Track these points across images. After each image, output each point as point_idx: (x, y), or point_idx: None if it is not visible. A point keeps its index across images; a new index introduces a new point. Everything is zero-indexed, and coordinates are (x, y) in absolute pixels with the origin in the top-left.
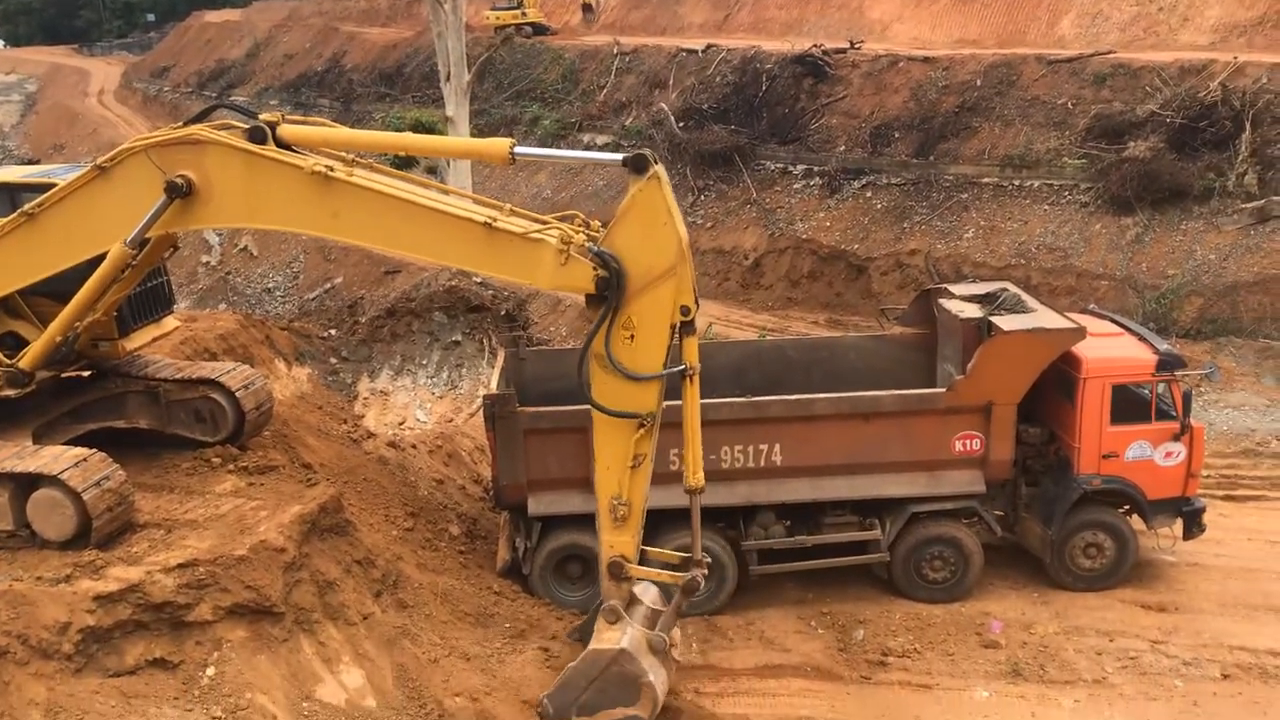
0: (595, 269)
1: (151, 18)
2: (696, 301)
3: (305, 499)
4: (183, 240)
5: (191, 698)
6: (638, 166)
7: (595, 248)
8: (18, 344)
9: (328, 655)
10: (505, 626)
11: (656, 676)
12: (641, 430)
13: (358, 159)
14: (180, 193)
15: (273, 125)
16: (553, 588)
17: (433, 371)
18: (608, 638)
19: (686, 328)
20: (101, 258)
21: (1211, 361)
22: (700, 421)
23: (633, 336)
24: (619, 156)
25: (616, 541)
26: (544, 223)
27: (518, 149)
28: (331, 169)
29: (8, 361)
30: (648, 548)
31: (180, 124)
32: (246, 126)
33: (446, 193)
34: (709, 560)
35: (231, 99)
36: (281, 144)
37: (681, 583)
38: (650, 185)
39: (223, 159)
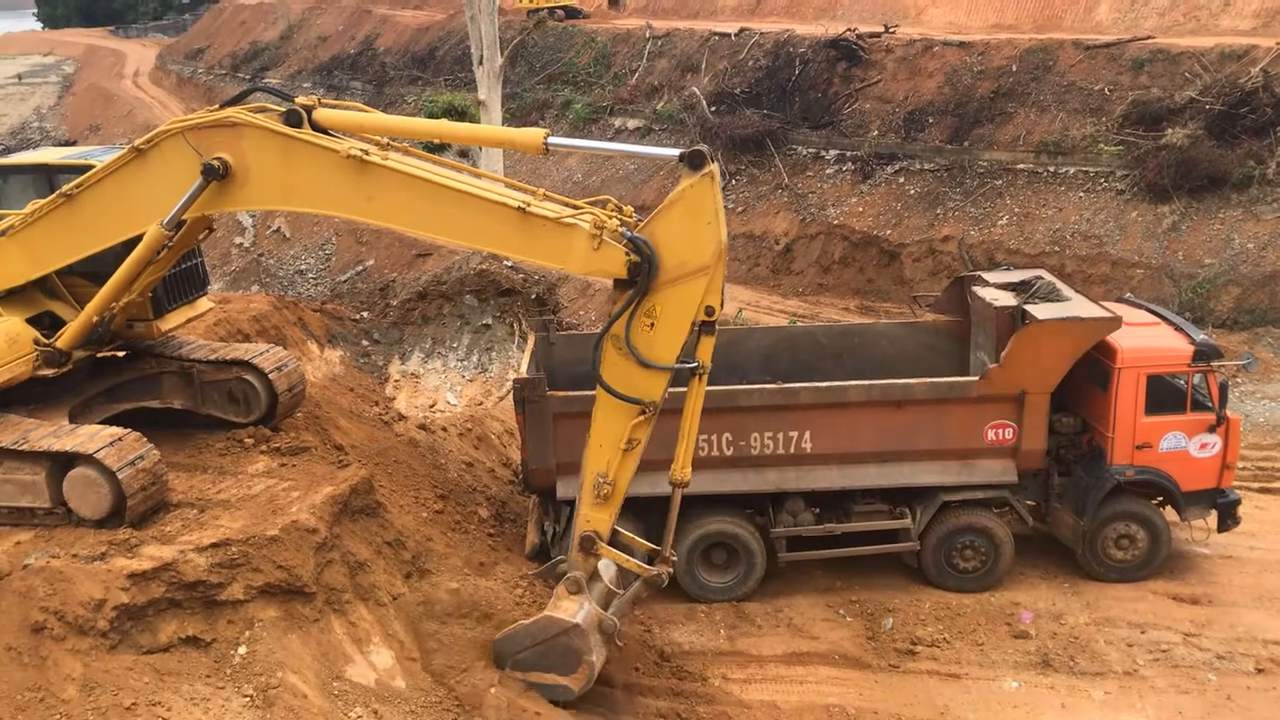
0: (628, 254)
1: (186, 0)
2: (722, 304)
3: (337, 480)
4: (216, 222)
5: (224, 676)
6: (694, 162)
7: (629, 232)
8: (55, 324)
9: (358, 635)
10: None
11: (598, 656)
12: (641, 417)
13: (391, 143)
14: (217, 175)
15: (308, 109)
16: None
17: (463, 355)
18: (565, 608)
19: (706, 327)
20: (138, 239)
21: (1249, 352)
22: (698, 419)
23: (653, 325)
24: (670, 151)
25: (594, 517)
26: (577, 208)
27: (551, 139)
28: (367, 153)
29: (45, 341)
30: (620, 529)
31: (217, 107)
32: (283, 110)
33: (479, 177)
34: (675, 559)
35: (265, 81)
36: (317, 128)
37: (646, 575)
38: (703, 182)
39: (259, 142)
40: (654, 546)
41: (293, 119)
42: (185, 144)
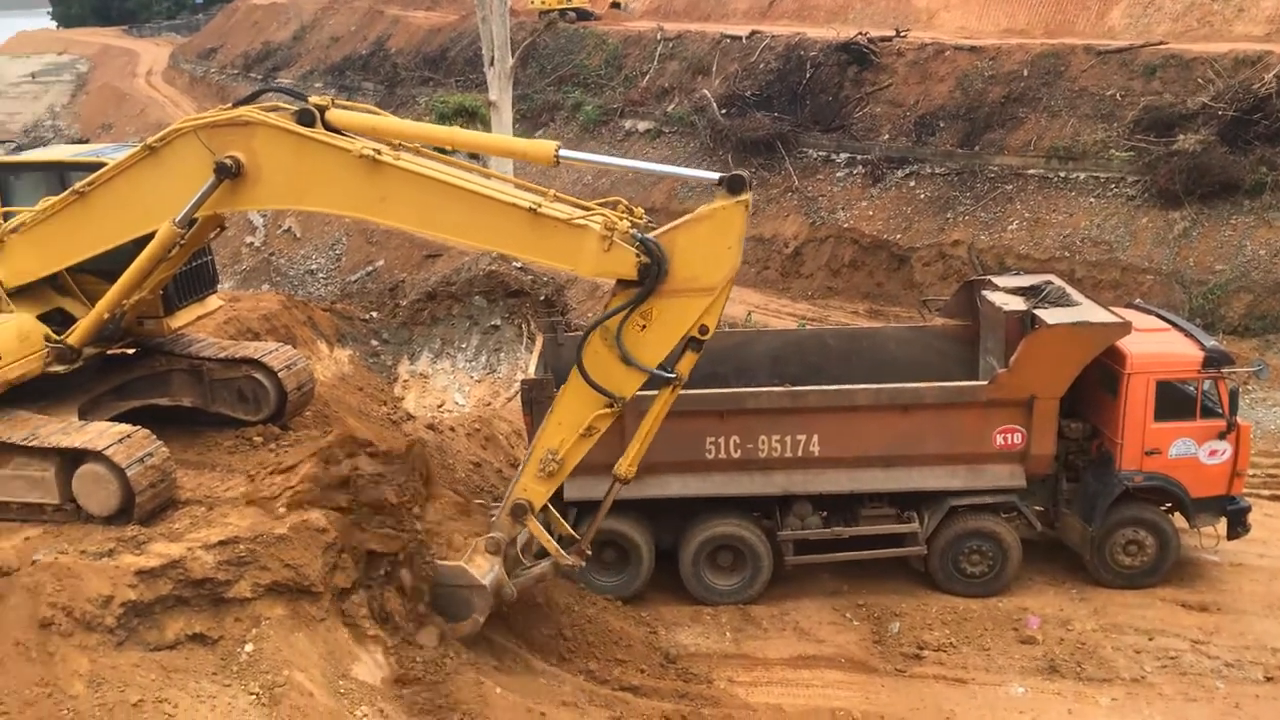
0: (638, 255)
1: (200, 0)
2: (715, 327)
3: None
4: (228, 221)
5: (230, 673)
6: (733, 187)
7: (640, 234)
8: (65, 320)
9: (364, 635)
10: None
11: (483, 617)
12: (607, 409)
13: (403, 144)
14: (229, 173)
15: (322, 109)
16: (587, 572)
17: (471, 355)
18: (478, 564)
19: (695, 344)
20: (149, 237)
21: (1259, 359)
22: (657, 427)
23: (645, 327)
24: (704, 174)
25: (532, 489)
26: (587, 209)
27: (563, 152)
28: (379, 152)
29: (56, 338)
30: (551, 508)
31: (230, 105)
32: (295, 109)
33: (489, 178)
34: (589, 554)
35: (277, 81)
36: (330, 128)
37: (559, 560)
38: (737, 208)
39: (272, 141)
40: (575, 534)
41: (306, 118)
42: (198, 142)
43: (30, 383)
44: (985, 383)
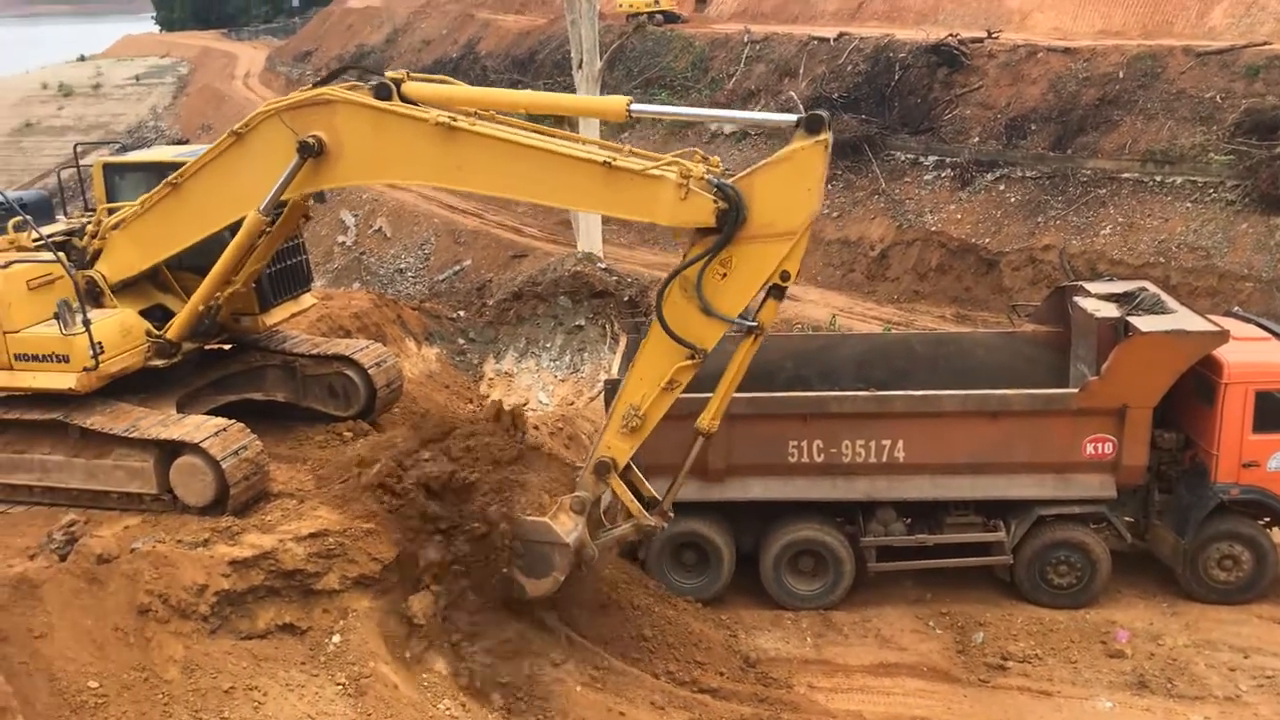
0: (715, 201)
1: (296, 3)
2: (797, 271)
3: None
4: (320, 221)
5: (318, 663)
6: (812, 126)
7: (716, 179)
8: (165, 317)
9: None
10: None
11: (564, 577)
12: (689, 361)
13: (479, 114)
14: (312, 152)
15: (398, 82)
16: (668, 574)
17: (556, 354)
18: (563, 523)
19: (777, 291)
20: (240, 226)
21: None
22: (739, 379)
23: (725, 276)
24: (781, 116)
25: (615, 445)
26: (661, 161)
27: (635, 106)
28: (455, 119)
29: (156, 333)
30: (634, 467)
31: (309, 86)
32: (373, 84)
33: (567, 139)
34: (672, 516)
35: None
36: (406, 101)
37: (641, 521)
38: (816, 148)
39: (351, 116)
40: (656, 494)
41: (383, 92)
42: (281, 124)
43: (132, 376)
44: (1076, 390)
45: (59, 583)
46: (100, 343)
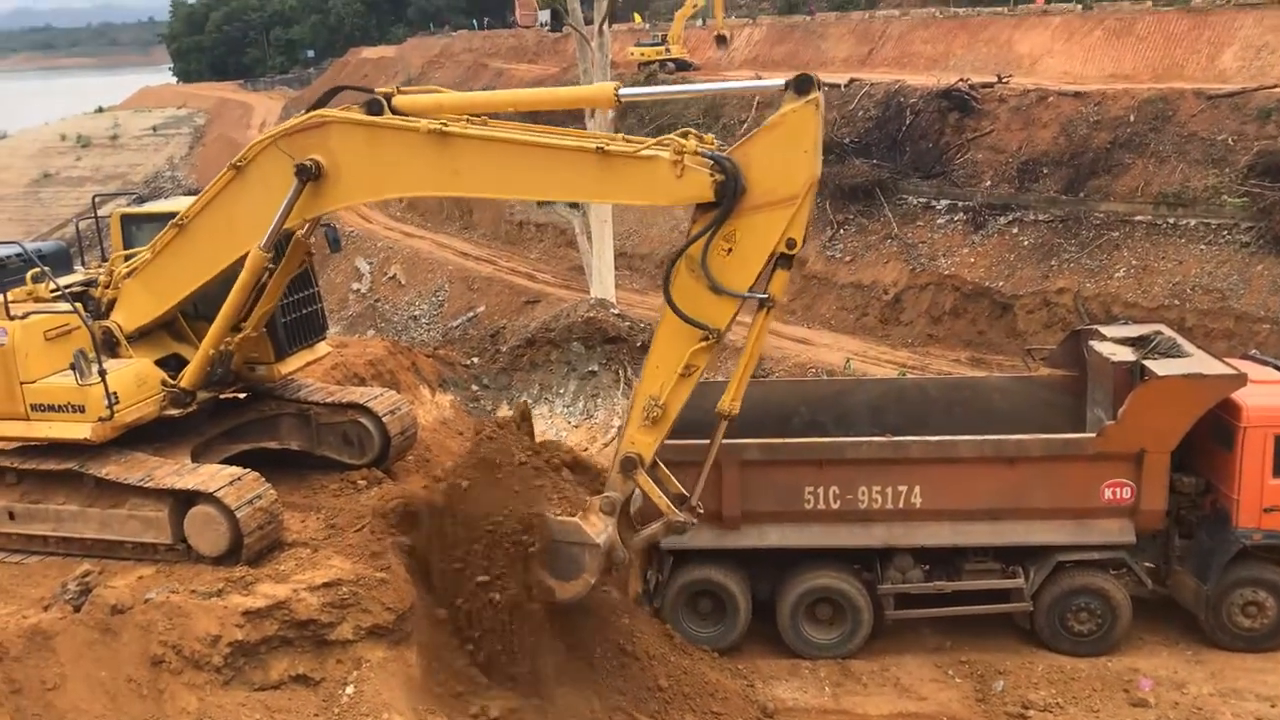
0: (712, 174)
1: (311, 54)
2: (804, 238)
3: None
4: (335, 268)
5: (331, 715)
6: (800, 87)
7: (710, 151)
8: (180, 366)
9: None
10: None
11: (595, 579)
12: (703, 343)
13: (471, 119)
14: (310, 175)
15: (388, 96)
16: (684, 622)
17: (569, 400)
18: (594, 524)
19: (784, 261)
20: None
21: None
22: (759, 354)
23: (730, 250)
24: (768, 82)
25: (640, 440)
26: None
27: (623, 90)
28: (446, 125)
29: (171, 382)
30: (662, 463)
31: (303, 111)
32: (364, 101)
33: (559, 133)
34: (701, 511)
35: None
36: (398, 114)
37: (670, 518)
38: (807, 108)
39: (346, 134)
40: (684, 491)
41: (374, 108)
42: (279, 152)
43: (147, 425)
44: (1093, 435)
45: (72, 634)
46: (115, 393)
